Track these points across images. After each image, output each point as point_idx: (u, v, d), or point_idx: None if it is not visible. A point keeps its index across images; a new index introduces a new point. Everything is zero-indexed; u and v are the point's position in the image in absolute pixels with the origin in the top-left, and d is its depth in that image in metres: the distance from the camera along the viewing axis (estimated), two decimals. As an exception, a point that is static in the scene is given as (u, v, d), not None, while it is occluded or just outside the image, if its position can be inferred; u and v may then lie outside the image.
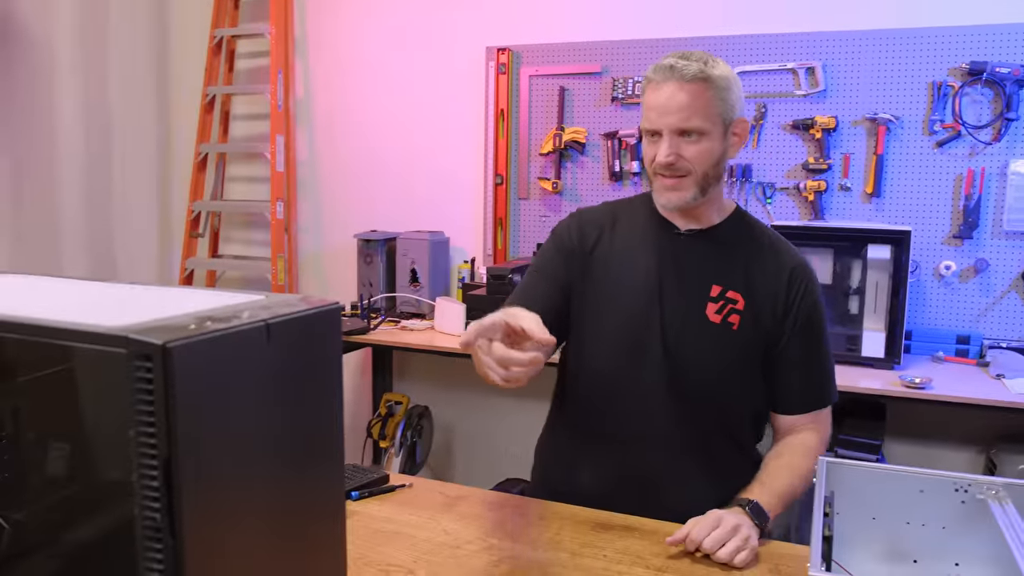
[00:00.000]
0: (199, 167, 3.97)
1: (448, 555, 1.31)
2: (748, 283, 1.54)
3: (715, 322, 1.53)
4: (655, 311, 1.54)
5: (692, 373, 1.53)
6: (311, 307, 0.82)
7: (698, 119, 1.45)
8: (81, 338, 0.69)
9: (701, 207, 1.54)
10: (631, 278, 1.57)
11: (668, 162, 1.46)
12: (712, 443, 1.56)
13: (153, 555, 0.67)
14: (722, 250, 1.56)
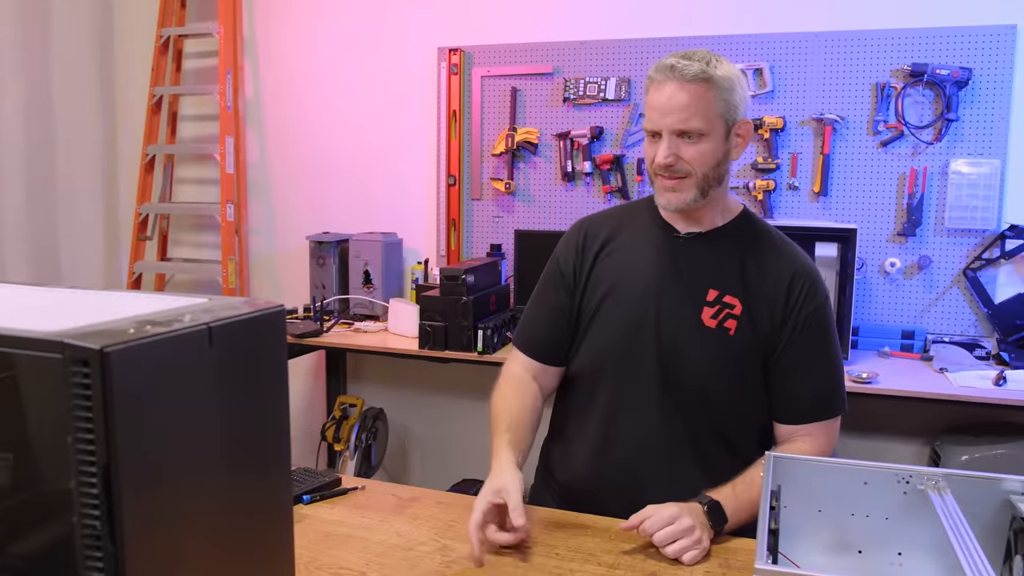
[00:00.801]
0: (147, 169, 3.90)
1: (400, 557, 1.31)
2: (747, 288, 1.51)
3: (710, 327, 1.51)
4: (651, 315, 1.53)
5: (685, 378, 1.52)
6: (254, 310, 0.81)
7: (698, 120, 1.43)
8: (16, 344, 0.67)
9: (702, 209, 1.53)
10: (630, 282, 1.56)
11: (667, 163, 1.45)
12: (708, 449, 1.54)
13: (94, 564, 0.66)
14: (722, 254, 1.54)
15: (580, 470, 1.60)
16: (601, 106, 3.28)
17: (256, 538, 0.85)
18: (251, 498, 0.83)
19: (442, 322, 2.91)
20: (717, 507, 1.38)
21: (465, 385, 3.51)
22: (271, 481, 0.87)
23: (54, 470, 0.68)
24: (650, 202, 1.61)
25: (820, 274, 1.55)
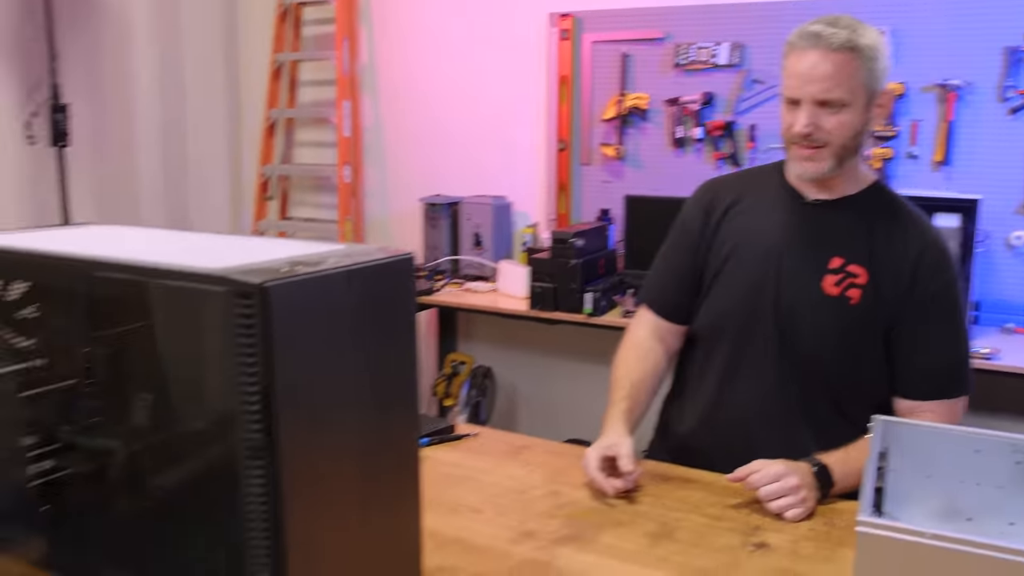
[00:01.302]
0: (268, 132, 4.08)
1: (514, 498, 1.38)
2: (874, 258, 1.49)
3: (832, 295, 1.50)
4: (771, 277, 1.54)
5: (802, 344, 1.52)
6: (387, 256, 0.87)
7: (841, 90, 1.41)
8: (187, 278, 0.76)
9: (836, 178, 1.51)
10: (753, 244, 1.57)
11: (805, 132, 1.44)
12: (821, 418, 1.54)
13: (255, 473, 0.74)
14: (850, 222, 1.52)
15: (694, 428, 1.63)
16: (712, 72, 3.24)
17: (389, 470, 0.92)
18: (384, 430, 0.90)
19: (551, 284, 2.97)
20: (825, 471, 1.39)
21: (572, 347, 3.57)
22: (402, 418, 0.94)
23: (220, 390, 0.76)
24: (779, 167, 1.61)
25: (951, 250, 1.53)
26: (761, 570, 1.17)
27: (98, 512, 0.97)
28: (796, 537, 1.27)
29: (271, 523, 0.76)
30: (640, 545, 1.24)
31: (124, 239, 0.99)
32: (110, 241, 0.97)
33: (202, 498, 0.83)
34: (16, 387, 0.99)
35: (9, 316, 0.98)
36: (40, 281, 0.93)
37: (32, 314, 0.96)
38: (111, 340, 0.89)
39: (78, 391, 0.95)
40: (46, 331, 0.95)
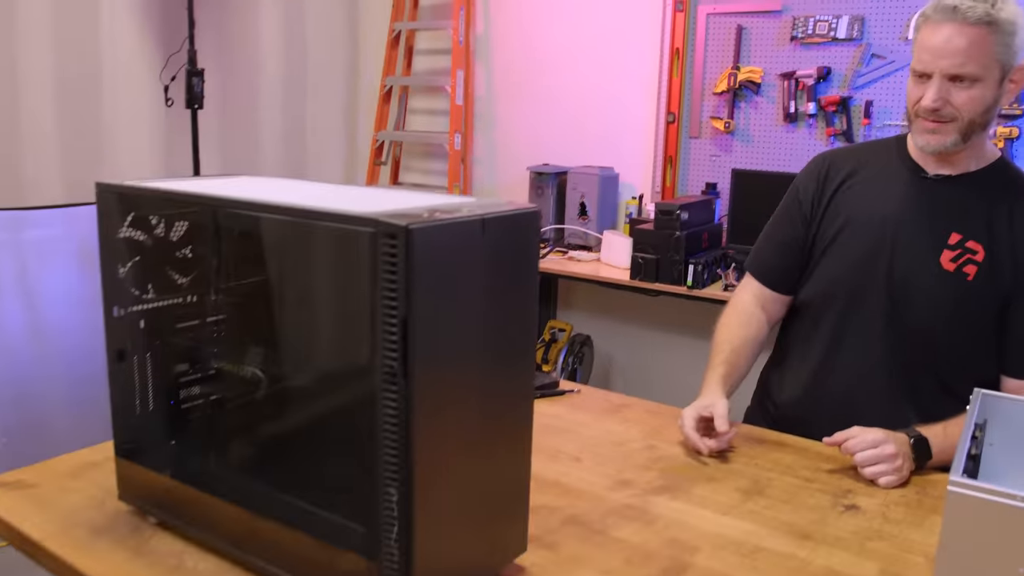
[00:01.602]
0: (384, 99, 4.22)
1: (612, 449, 1.45)
2: (992, 235, 1.49)
3: (948, 270, 1.50)
4: (886, 248, 1.55)
5: (912, 317, 1.53)
6: (516, 209, 0.95)
7: (974, 65, 1.40)
8: (339, 220, 0.85)
9: (959, 153, 1.50)
10: (869, 214, 1.58)
11: (934, 107, 1.43)
12: (925, 393, 1.55)
13: (389, 396, 0.84)
14: (970, 198, 1.51)
15: (796, 396, 1.66)
16: (830, 45, 3.19)
17: (507, 409, 1.00)
18: (505, 374, 0.98)
19: (654, 255, 3.01)
20: (924, 443, 1.40)
21: (671, 320, 3.61)
22: (520, 362, 1.00)
23: (362, 320, 0.86)
24: (899, 141, 1.61)
25: None
26: (850, 529, 1.21)
27: (243, 432, 1.09)
28: (887, 502, 1.30)
29: (401, 443, 0.85)
30: (732, 499, 1.29)
31: (275, 188, 1.09)
32: (263, 189, 1.07)
33: (341, 419, 0.93)
34: (173, 319, 1.12)
35: (171, 255, 1.10)
36: (199, 222, 1.04)
37: (191, 253, 1.08)
38: (264, 277, 1.00)
39: (230, 324, 1.08)
40: (204, 269, 1.07)
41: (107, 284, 1.15)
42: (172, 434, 1.15)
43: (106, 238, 1.14)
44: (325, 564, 0.95)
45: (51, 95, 3.19)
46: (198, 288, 1.09)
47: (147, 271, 1.12)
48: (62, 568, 1.08)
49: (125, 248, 1.12)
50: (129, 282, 1.13)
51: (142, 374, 1.15)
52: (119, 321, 1.14)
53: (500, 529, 1.03)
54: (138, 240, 1.12)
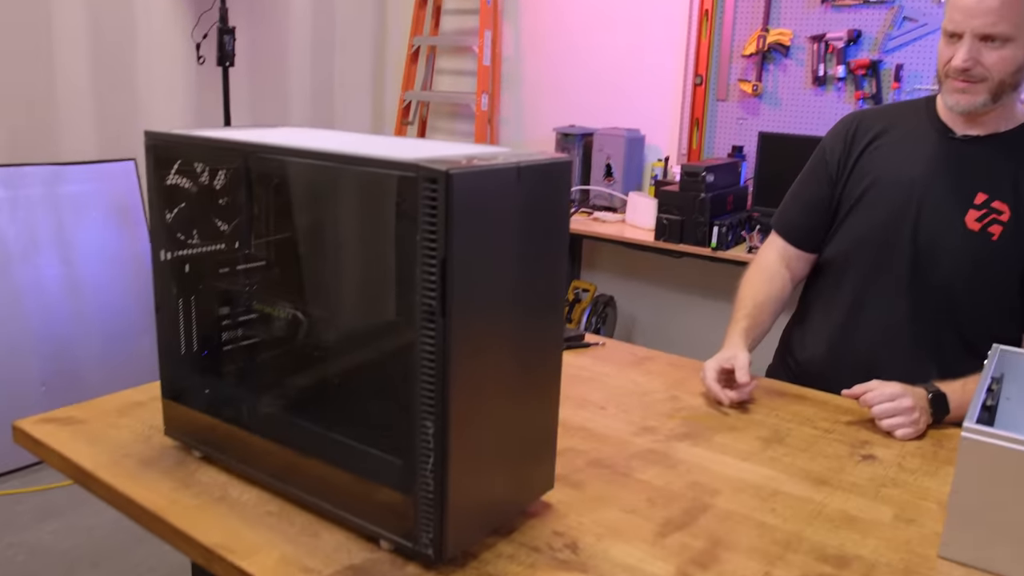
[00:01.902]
0: (412, 59, 4.24)
1: (635, 399, 1.50)
2: (1020, 195, 1.49)
3: (973, 230, 1.51)
4: (912, 210, 1.56)
5: (936, 276, 1.55)
6: (550, 158, 0.99)
7: (1006, 24, 1.39)
8: (383, 165, 0.89)
9: (988, 114, 1.51)
10: (896, 174, 1.59)
11: (964, 67, 1.44)
12: (948, 351, 1.56)
13: (428, 333, 0.88)
14: (998, 159, 1.51)
15: (819, 353, 1.69)
16: (862, 8, 3.17)
17: (538, 354, 1.04)
18: (536, 319, 1.02)
19: (679, 216, 3.03)
20: (942, 398, 1.42)
21: (695, 281, 3.63)
22: (550, 311, 1.04)
23: (403, 261, 0.90)
24: (929, 102, 1.62)
25: None
26: (866, 477, 1.25)
27: (283, 373, 1.14)
28: (903, 453, 1.34)
29: (439, 379, 0.90)
30: (752, 447, 1.34)
31: (316, 137, 1.13)
32: (305, 137, 1.11)
33: (380, 358, 0.98)
34: (217, 264, 1.17)
35: (214, 202, 1.15)
36: (242, 170, 1.08)
37: (234, 199, 1.13)
38: (306, 222, 1.04)
39: (271, 268, 1.12)
40: (247, 215, 1.11)
41: (155, 229, 1.19)
42: (215, 374, 1.20)
43: (154, 185, 1.18)
44: (363, 497, 1.01)
45: (85, 54, 3.24)
46: (241, 234, 1.14)
47: (193, 217, 1.16)
48: (114, 496, 1.14)
49: (172, 195, 1.17)
50: (175, 228, 1.18)
51: (187, 317, 1.21)
52: (166, 265, 1.19)
53: (529, 467, 1.07)
54: (184, 187, 1.16)
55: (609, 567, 1.00)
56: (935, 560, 1.05)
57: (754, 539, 1.07)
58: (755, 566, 1.01)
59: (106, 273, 3.33)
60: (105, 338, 3.30)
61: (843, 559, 1.04)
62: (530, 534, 1.06)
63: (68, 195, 3.23)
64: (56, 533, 2.69)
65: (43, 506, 2.84)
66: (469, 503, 0.97)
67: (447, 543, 0.94)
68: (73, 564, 2.54)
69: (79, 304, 3.23)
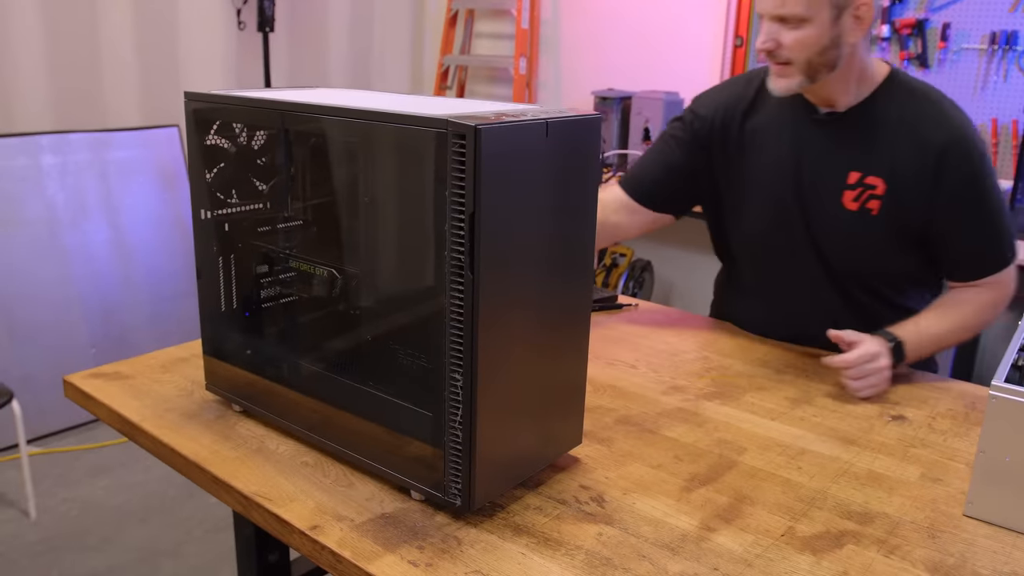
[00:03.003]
0: (450, 23, 4.23)
1: (666, 359, 1.51)
2: (892, 165, 1.45)
3: (852, 210, 1.48)
4: (795, 206, 1.53)
5: (839, 260, 1.53)
6: (579, 114, 0.99)
7: (796, 4, 1.35)
8: (415, 122, 0.91)
9: (829, 91, 1.46)
10: (770, 163, 1.55)
11: (765, 49, 1.41)
12: (873, 308, 1.56)
13: (456, 289, 0.90)
14: (863, 133, 1.47)
15: (744, 311, 1.71)
16: (909, -35, 3.09)
17: (566, 308, 1.05)
18: (565, 274, 1.03)
19: (716, 180, 3.01)
20: (900, 347, 1.42)
21: (731, 246, 3.61)
22: (579, 267, 1.06)
23: (433, 215, 0.92)
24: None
25: (975, 132, 1.44)
26: (895, 437, 1.26)
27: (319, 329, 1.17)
28: (934, 414, 1.34)
29: (467, 331, 0.92)
30: (781, 406, 1.35)
31: (351, 97, 1.15)
32: (340, 97, 1.13)
33: (412, 312, 1.00)
34: (256, 223, 1.20)
35: (253, 162, 1.18)
36: (280, 129, 1.11)
37: (271, 159, 1.15)
38: (340, 180, 1.07)
39: (308, 227, 1.15)
40: (283, 174, 1.14)
41: (195, 189, 1.23)
42: (254, 332, 1.24)
43: (193, 145, 1.21)
44: (395, 449, 1.04)
45: (128, 22, 3.29)
46: (279, 193, 1.17)
47: (232, 177, 1.19)
48: (158, 447, 1.19)
49: (212, 155, 1.20)
50: (216, 187, 1.21)
51: (227, 275, 1.24)
52: (207, 224, 1.23)
53: (557, 421, 1.10)
54: (223, 147, 1.19)
55: (633, 520, 1.02)
56: (960, 519, 1.05)
57: (779, 495, 1.08)
58: (778, 520, 1.03)
59: (152, 237, 3.40)
60: (152, 300, 3.38)
61: (867, 516, 1.05)
62: (557, 487, 1.08)
63: (114, 161, 3.30)
64: (107, 489, 2.79)
65: (96, 463, 2.95)
66: (496, 455, 1.00)
67: (475, 493, 0.97)
68: (123, 518, 2.63)
69: (127, 268, 3.32)
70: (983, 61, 3.05)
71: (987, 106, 3.08)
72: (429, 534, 0.97)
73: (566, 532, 0.99)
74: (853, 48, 1.40)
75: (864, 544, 0.99)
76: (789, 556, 0.96)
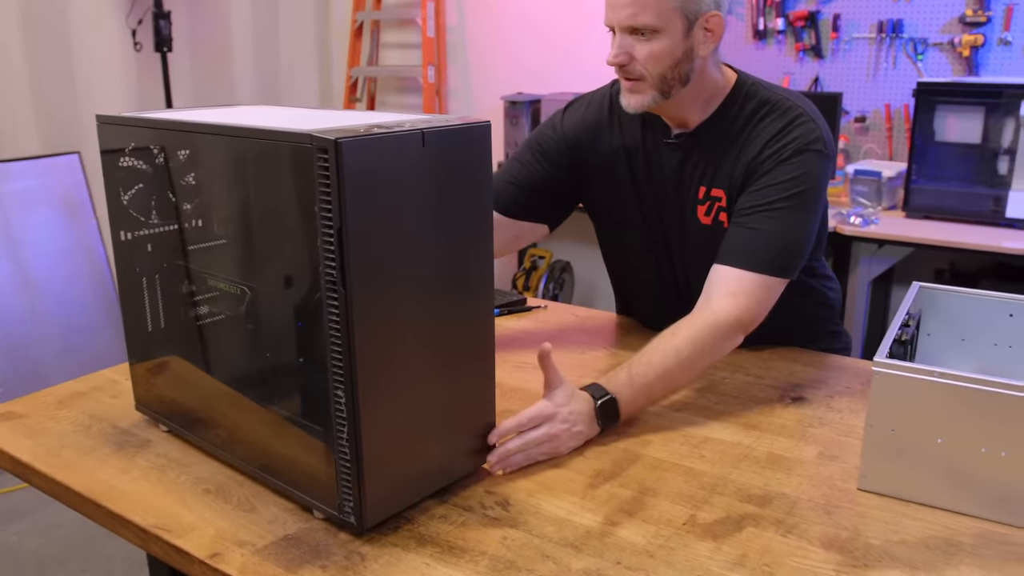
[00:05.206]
0: (356, 35, 4.21)
1: (575, 357, 1.53)
2: (731, 175, 1.43)
3: (706, 224, 1.47)
4: (658, 236, 1.53)
5: (700, 276, 1.41)
6: (463, 122, 0.98)
7: (649, 15, 1.31)
8: (281, 137, 0.90)
9: (681, 110, 1.43)
10: (629, 187, 1.53)
11: (617, 63, 1.37)
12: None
13: (332, 303, 0.89)
14: (710, 148, 1.44)
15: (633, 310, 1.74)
16: (797, -41, 3.19)
17: (462, 317, 1.03)
18: (457, 283, 1.01)
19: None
20: (612, 404, 1.23)
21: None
22: (477, 278, 1.04)
23: (307, 231, 0.90)
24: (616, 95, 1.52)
25: (819, 135, 1.38)
26: (794, 418, 1.29)
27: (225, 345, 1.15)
28: (831, 393, 1.38)
29: (345, 346, 0.90)
30: (686, 397, 1.37)
31: (244, 115, 1.12)
32: (235, 115, 1.10)
33: (302, 327, 0.98)
34: (179, 243, 1.15)
35: (175, 182, 1.12)
36: (197, 149, 1.06)
37: (192, 180, 1.10)
38: (225, 197, 1.05)
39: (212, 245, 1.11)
40: (203, 194, 1.08)
41: (111, 210, 1.23)
42: (172, 349, 1.22)
43: (108, 168, 1.21)
44: (296, 467, 1.03)
45: (19, 46, 3.18)
46: (183, 213, 1.12)
47: (143, 197, 1.17)
48: (53, 486, 1.15)
49: (124, 177, 1.19)
50: (131, 208, 1.19)
51: (149, 294, 1.22)
52: (124, 245, 1.23)
53: (463, 437, 1.08)
54: (130, 168, 1.17)
55: (538, 521, 1.02)
56: (855, 493, 1.08)
57: (681, 484, 1.10)
58: (681, 509, 1.04)
59: (58, 269, 3.30)
60: (63, 334, 3.27)
61: (766, 497, 1.07)
62: (463, 494, 1.08)
63: (12, 192, 3.19)
64: (21, 534, 2.69)
65: (7, 508, 2.83)
66: (390, 472, 0.98)
67: (366, 512, 0.96)
68: (41, 562, 2.54)
69: (33, 302, 3.21)
70: (873, 49, 3.16)
71: (879, 92, 3.19)
72: (332, 552, 0.96)
73: (471, 539, 0.99)
74: (703, 62, 1.38)
75: (763, 526, 1.01)
76: (690, 544, 0.98)
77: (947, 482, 1.03)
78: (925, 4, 3.04)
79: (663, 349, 1.28)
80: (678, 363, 1.27)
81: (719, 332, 1.30)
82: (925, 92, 2.86)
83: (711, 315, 1.32)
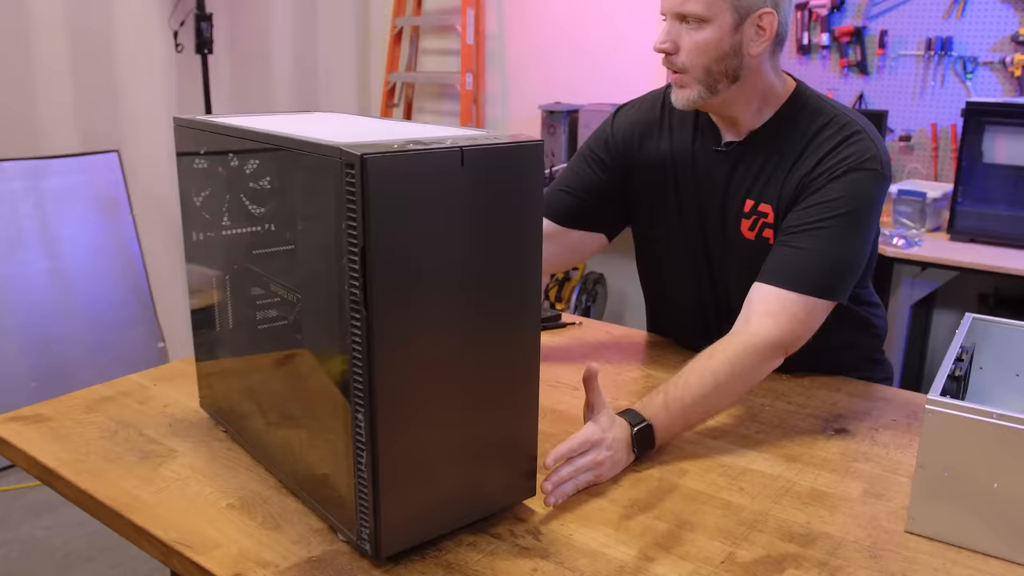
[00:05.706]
0: (395, 40, 4.20)
1: (609, 378, 1.49)
2: (780, 190, 1.38)
3: (750, 239, 1.42)
4: (696, 231, 1.49)
5: (739, 295, 1.37)
6: (512, 141, 0.93)
7: (697, 3, 1.29)
8: (313, 149, 0.88)
9: (732, 110, 1.39)
10: (671, 192, 1.49)
11: (661, 49, 1.34)
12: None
13: (355, 322, 0.86)
14: (761, 159, 1.40)
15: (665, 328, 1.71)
16: (845, -26, 3.13)
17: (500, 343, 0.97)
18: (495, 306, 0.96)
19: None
20: (648, 431, 1.19)
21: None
22: (519, 299, 0.98)
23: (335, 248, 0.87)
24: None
25: (875, 154, 1.33)
26: (837, 451, 1.24)
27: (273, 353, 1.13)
28: (876, 426, 1.33)
29: (365, 370, 0.87)
30: (724, 424, 1.32)
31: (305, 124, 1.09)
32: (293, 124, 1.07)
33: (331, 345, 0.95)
34: (250, 246, 1.12)
35: (246, 186, 1.07)
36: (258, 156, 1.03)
37: (264, 185, 1.05)
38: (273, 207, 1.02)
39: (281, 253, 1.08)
40: (275, 200, 1.03)
41: (184, 211, 1.26)
42: (230, 352, 1.22)
43: (183, 169, 1.23)
44: (323, 487, 1.00)
45: (63, 46, 3.21)
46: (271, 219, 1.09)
47: (211, 200, 1.17)
48: (77, 494, 1.13)
49: (196, 178, 1.20)
50: (203, 209, 1.20)
51: (220, 294, 1.21)
52: (197, 246, 1.25)
53: (496, 469, 1.01)
54: (201, 170, 1.19)
55: (570, 553, 0.99)
56: (902, 535, 1.03)
57: (719, 519, 1.06)
58: (719, 546, 1.00)
59: (93, 266, 3.31)
60: (95, 330, 3.29)
61: (809, 536, 1.03)
62: (492, 520, 1.05)
63: (52, 188, 3.21)
64: (50, 529, 2.70)
65: (37, 502, 2.85)
66: (411, 500, 0.94)
67: (382, 541, 0.92)
68: (68, 558, 2.55)
69: (67, 298, 3.23)
70: (920, 67, 3.09)
71: (926, 111, 3.12)
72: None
73: (500, 569, 0.95)
74: (757, 63, 1.34)
75: (805, 567, 0.96)
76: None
77: (1002, 529, 0.98)
78: (976, 22, 2.97)
79: (700, 371, 1.24)
80: (716, 387, 1.23)
81: (757, 354, 1.26)
82: (974, 112, 2.78)
83: (750, 336, 1.27)
